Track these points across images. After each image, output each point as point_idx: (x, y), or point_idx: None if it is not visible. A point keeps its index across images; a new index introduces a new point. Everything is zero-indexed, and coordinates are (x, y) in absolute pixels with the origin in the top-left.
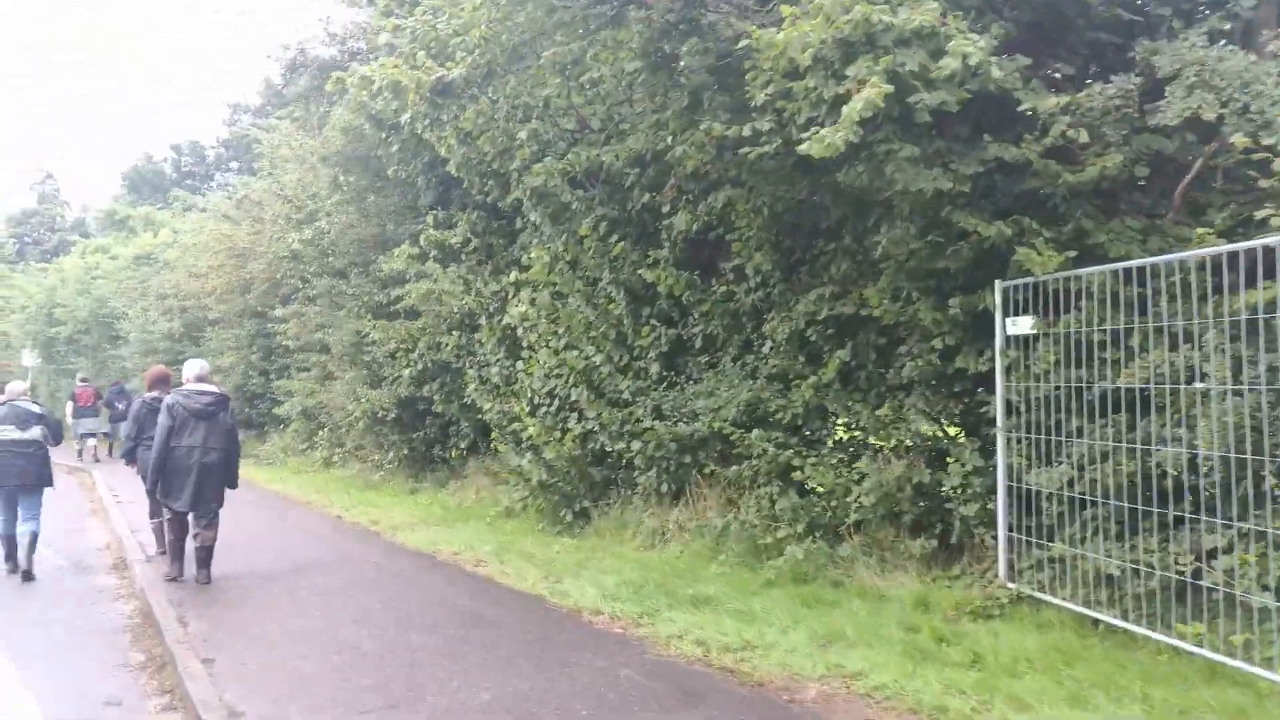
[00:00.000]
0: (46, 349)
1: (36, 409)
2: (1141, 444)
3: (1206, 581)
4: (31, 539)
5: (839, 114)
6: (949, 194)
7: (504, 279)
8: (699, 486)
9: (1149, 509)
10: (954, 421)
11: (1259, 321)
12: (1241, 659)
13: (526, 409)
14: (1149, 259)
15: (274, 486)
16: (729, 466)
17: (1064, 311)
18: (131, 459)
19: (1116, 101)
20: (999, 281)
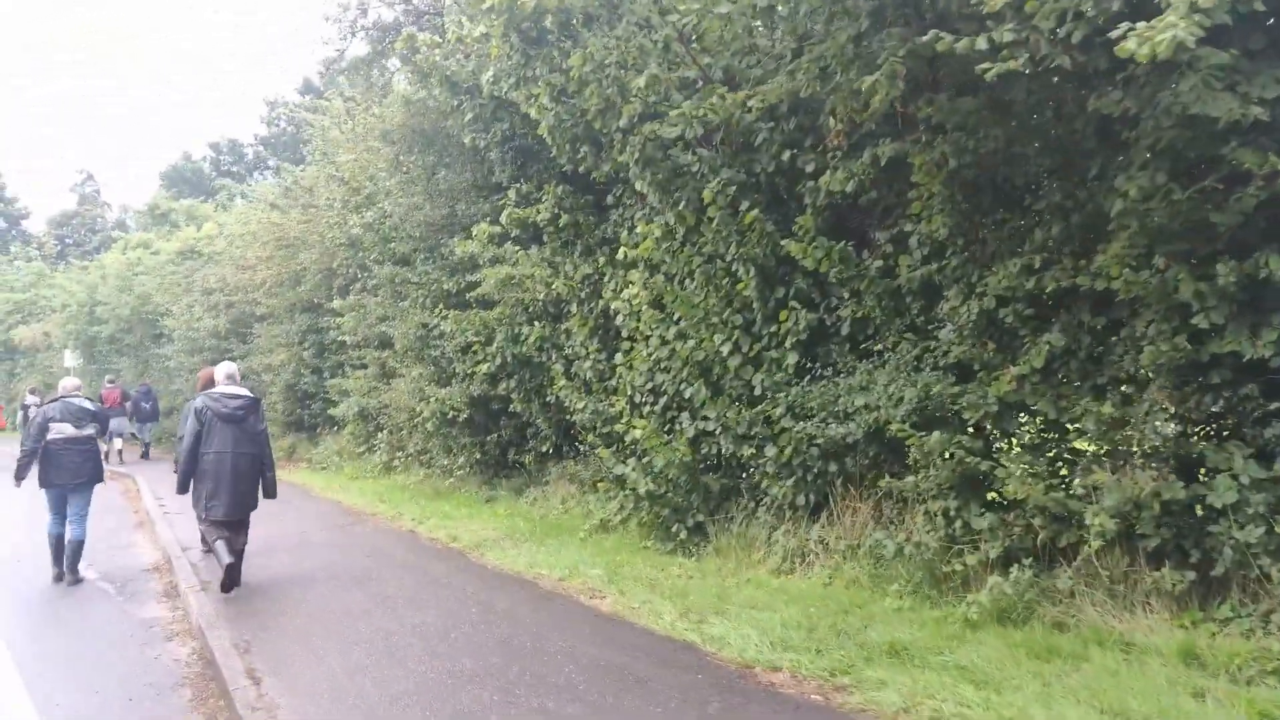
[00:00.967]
0: (88, 349)
1: (90, 406)
2: None
3: None
4: (75, 547)
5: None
6: (1236, 125)
7: (596, 259)
8: (845, 499)
9: None
10: (1207, 420)
11: None
12: None
13: (628, 408)
14: None
15: (333, 495)
16: (882, 475)
17: None
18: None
19: None
20: None
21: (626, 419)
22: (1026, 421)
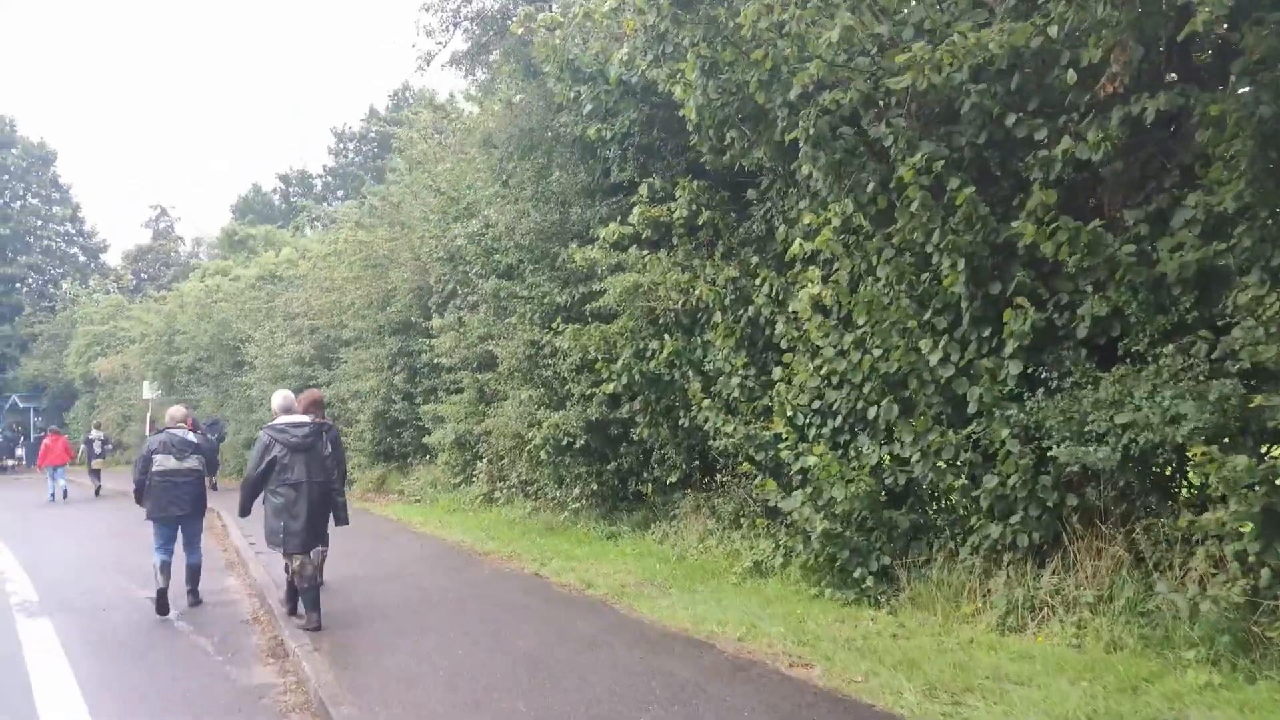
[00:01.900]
0: (166, 379)
1: (193, 438)
2: None
3: None
4: (192, 572)
5: None
6: None
7: (747, 260)
8: (1085, 538)
9: None
10: None
11: None
12: None
13: (790, 431)
14: None
15: (434, 530)
16: (1135, 509)
17: None
18: None
19: None
20: None
21: (791, 444)
22: None
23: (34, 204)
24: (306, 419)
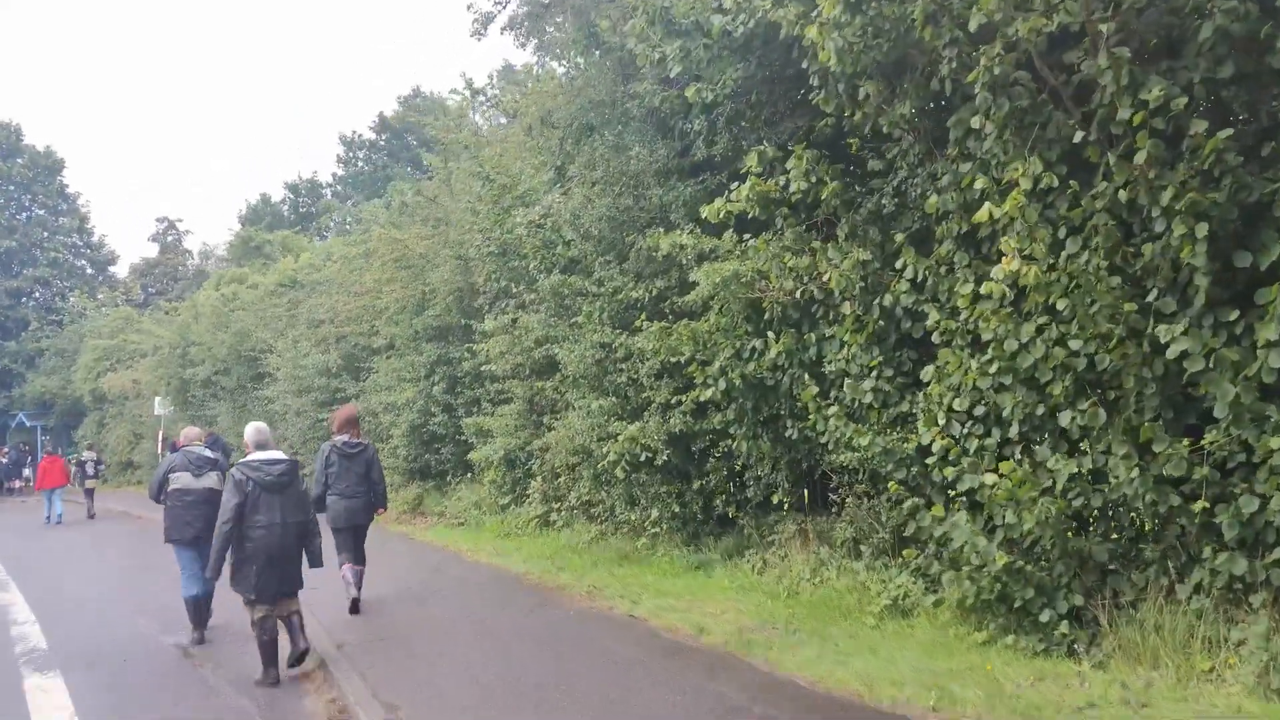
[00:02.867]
0: (180, 394)
1: (210, 455)
2: None
3: None
4: (188, 603)
5: None
6: None
7: (882, 243)
8: None
9: None
10: None
11: None
12: None
13: (950, 442)
14: None
15: (488, 558)
16: None
17: None
18: (321, 506)
19: None
20: None
21: (953, 457)
22: None
23: (41, 215)
24: (282, 455)
